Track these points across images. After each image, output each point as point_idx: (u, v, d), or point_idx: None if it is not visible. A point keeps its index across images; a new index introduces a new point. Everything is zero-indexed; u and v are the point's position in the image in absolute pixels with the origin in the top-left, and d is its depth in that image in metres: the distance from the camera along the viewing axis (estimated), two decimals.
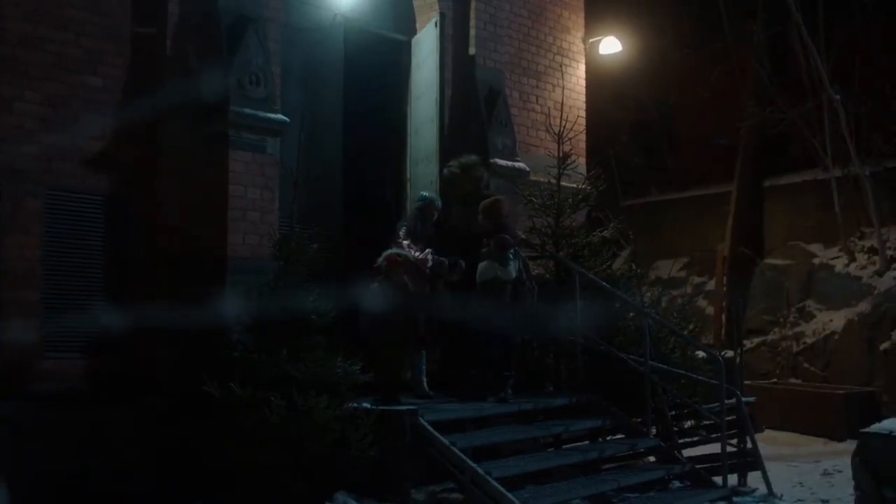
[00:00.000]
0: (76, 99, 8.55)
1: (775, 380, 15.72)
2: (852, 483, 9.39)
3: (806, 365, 15.76)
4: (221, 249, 8.72)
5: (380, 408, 8.12)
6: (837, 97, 15.14)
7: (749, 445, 9.91)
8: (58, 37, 8.48)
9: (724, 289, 17.47)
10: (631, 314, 10.65)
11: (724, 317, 17.15)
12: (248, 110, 8.90)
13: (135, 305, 8.70)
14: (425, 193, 10.11)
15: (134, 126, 8.77)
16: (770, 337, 16.53)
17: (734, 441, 9.92)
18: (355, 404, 8.01)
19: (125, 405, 8.24)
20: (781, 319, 16.58)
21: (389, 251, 9.01)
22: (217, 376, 7.69)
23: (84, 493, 7.66)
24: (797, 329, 16.25)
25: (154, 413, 8.24)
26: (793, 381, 15.72)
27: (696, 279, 18.65)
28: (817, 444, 13.29)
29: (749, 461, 9.91)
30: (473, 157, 10.34)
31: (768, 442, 10.35)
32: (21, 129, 8.25)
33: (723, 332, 16.87)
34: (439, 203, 9.98)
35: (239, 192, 8.87)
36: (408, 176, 11.57)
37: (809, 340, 15.89)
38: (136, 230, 8.87)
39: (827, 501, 9.58)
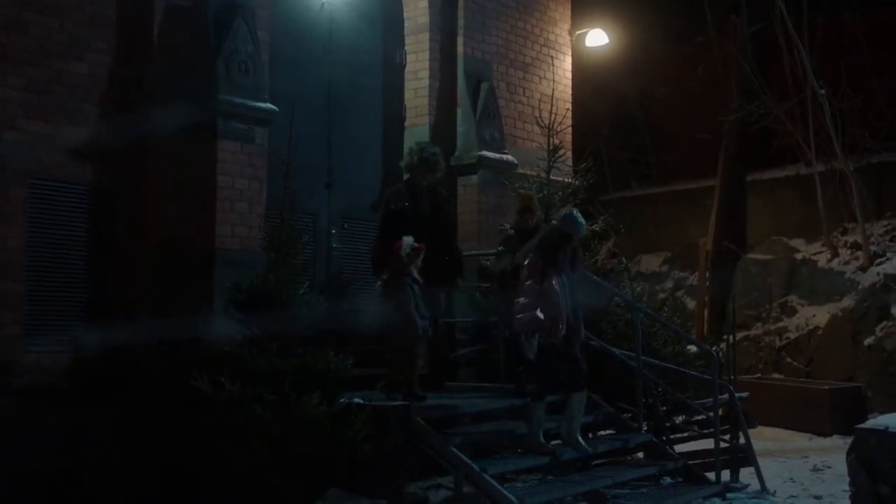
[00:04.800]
0: (61, 86, 8.30)
1: (759, 375, 15.67)
2: (842, 479, 9.33)
3: (789, 360, 15.75)
4: (209, 241, 8.52)
5: (373, 403, 7.96)
6: (822, 91, 15.09)
7: (742, 441, 9.83)
8: (42, 22, 8.23)
9: (707, 284, 17.40)
10: (620, 308, 10.58)
11: (706, 312, 17.10)
12: (236, 99, 8.70)
13: (121, 298, 8.52)
14: (573, 212, 8.84)
15: (120, 114, 8.55)
16: (753, 332, 16.51)
17: (726, 437, 9.84)
18: (348, 400, 7.86)
19: (111, 401, 8.04)
20: (764, 314, 16.57)
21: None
22: (206, 372, 7.51)
23: (71, 492, 7.47)
24: (780, 324, 16.24)
25: (141, 409, 8.06)
26: (776, 376, 15.69)
27: (678, 274, 18.61)
28: (803, 440, 13.26)
29: (741, 457, 9.83)
30: (436, 149, 10.08)
31: (754, 437, 10.27)
32: (3, 116, 7.99)
33: (705, 327, 16.81)
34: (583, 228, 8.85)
35: (227, 182, 8.67)
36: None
37: (792, 335, 15.88)
38: (122, 221, 8.64)
39: (820, 497, 9.51)
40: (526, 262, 8.61)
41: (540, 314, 8.10)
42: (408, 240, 8.58)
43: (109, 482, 7.71)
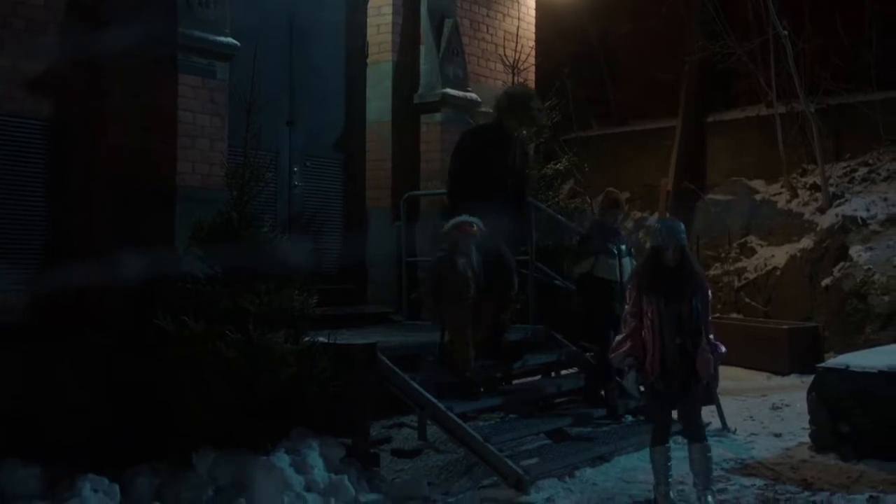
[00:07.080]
0: (16, 17, 8.03)
1: (718, 315, 15.77)
2: (801, 417, 9.49)
3: (747, 300, 15.90)
4: (170, 178, 8.36)
5: (338, 342, 7.86)
6: (785, 32, 15.06)
7: None
8: None
9: None
10: None
11: None
12: (197, 32, 8.49)
13: (79, 236, 8.35)
14: (661, 223, 7.29)
15: (77, 47, 8.30)
16: (712, 272, 16.58)
17: None
18: (312, 338, 7.77)
19: (71, 340, 7.89)
20: (723, 255, 16.68)
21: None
22: (169, 310, 7.39)
23: (30, 433, 7.36)
24: (739, 264, 16.38)
25: (102, 349, 7.92)
26: (734, 316, 15.83)
27: (637, 214, 18.64)
28: (761, 379, 13.38)
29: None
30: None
31: None
32: None
33: None
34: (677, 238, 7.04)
35: (188, 118, 8.48)
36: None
37: (751, 276, 16.03)
38: (80, 156, 8.43)
39: (779, 435, 9.60)
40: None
41: (631, 351, 7.07)
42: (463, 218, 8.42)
43: (68, 421, 7.58)
